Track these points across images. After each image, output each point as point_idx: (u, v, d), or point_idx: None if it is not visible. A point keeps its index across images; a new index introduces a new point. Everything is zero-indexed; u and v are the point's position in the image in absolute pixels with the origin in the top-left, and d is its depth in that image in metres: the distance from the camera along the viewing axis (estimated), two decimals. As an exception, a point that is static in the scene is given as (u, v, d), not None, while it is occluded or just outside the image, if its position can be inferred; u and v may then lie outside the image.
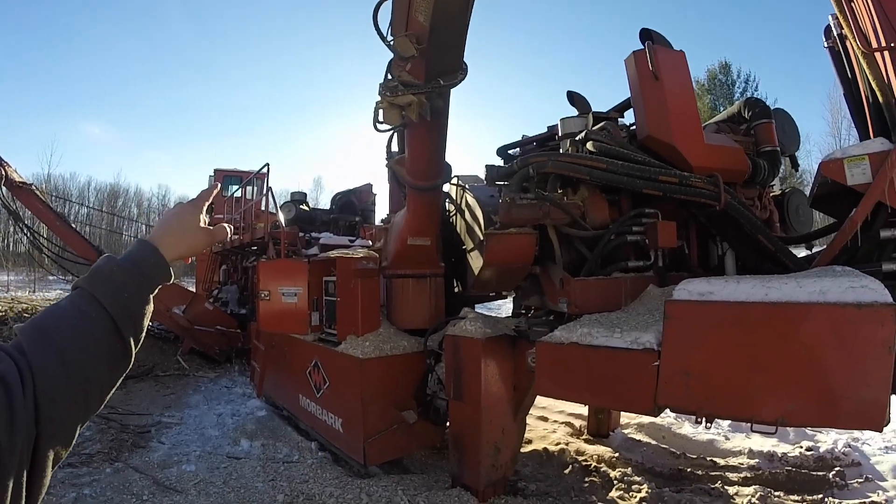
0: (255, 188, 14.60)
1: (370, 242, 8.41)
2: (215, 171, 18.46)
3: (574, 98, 5.53)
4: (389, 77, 4.18)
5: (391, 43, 3.97)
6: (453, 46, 4.01)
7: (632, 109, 4.75)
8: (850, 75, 4.35)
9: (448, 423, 5.13)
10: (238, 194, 13.80)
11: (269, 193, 10.00)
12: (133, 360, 1.02)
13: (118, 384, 1.00)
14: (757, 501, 4.51)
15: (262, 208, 11.60)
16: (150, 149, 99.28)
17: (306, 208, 11.71)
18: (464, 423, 4.71)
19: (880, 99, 3.63)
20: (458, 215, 5.67)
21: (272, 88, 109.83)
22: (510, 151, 6.20)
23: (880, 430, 2.66)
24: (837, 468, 5.07)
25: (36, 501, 0.83)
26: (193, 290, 14.64)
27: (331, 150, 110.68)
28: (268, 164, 10.04)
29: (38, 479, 0.83)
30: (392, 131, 5.18)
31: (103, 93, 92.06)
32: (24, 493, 0.79)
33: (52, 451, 0.85)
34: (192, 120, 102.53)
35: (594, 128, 4.75)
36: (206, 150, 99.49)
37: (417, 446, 5.63)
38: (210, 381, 9.71)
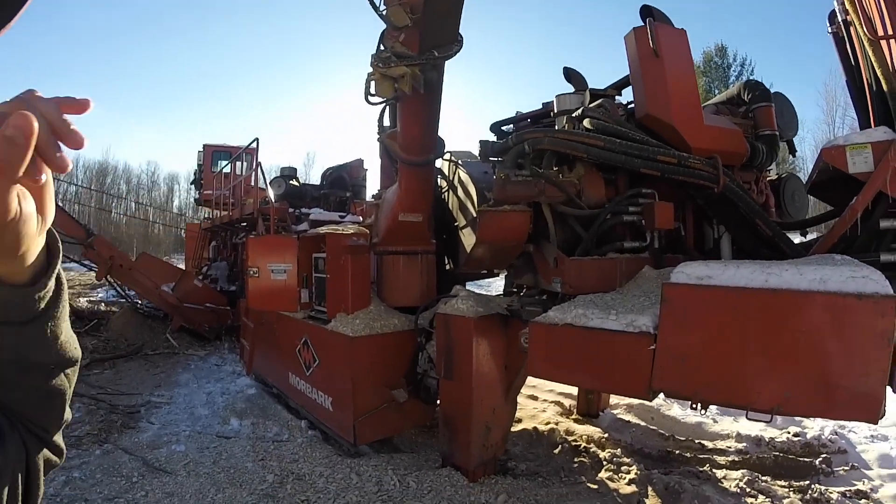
0: (245, 164, 14.40)
1: (360, 218, 8.31)
2: (204, 146, 18.21)
3: (571, 75, 5.43)
4: (382, 48, 4.08)
5: (384, 13, 3.85)
6: (449, 16, 3.90)
7: (630, 87, 4.67)
8: (853, 62, 4.28)
9: (438, 403, 5.10)
10: (227, 170, 13.63)
11: (259, 169, 9.88)
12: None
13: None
14: (744, 485, 4.52)
15: (252, 184, 11.47)
16: (138, 124, 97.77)
17: (296, 184, 11.57)
18: (455, 403, 4.68)
19: (885, 87, 3.58)
20: (451, 192, 5.59)
21: (262, 62, 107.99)
22: (504, 128, 6.11)
23: (875, 422, 2.64)
24: (824, 455, 5.10)
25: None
26: (183, 266, 14.53)
27: (323, 124, 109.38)
28: (257, 139, 9.92)
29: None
30: (384, 104, 5.08)
31: (88, 67, 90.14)
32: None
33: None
34: (180, 95, 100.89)
35: (591, 105, 4.66)
36: (194, 125, 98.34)
37: (408, 425, 5.60)
38: (199, 360, 9.64)
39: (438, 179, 5.86)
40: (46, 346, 0.80)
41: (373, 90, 4.22)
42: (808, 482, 4.60)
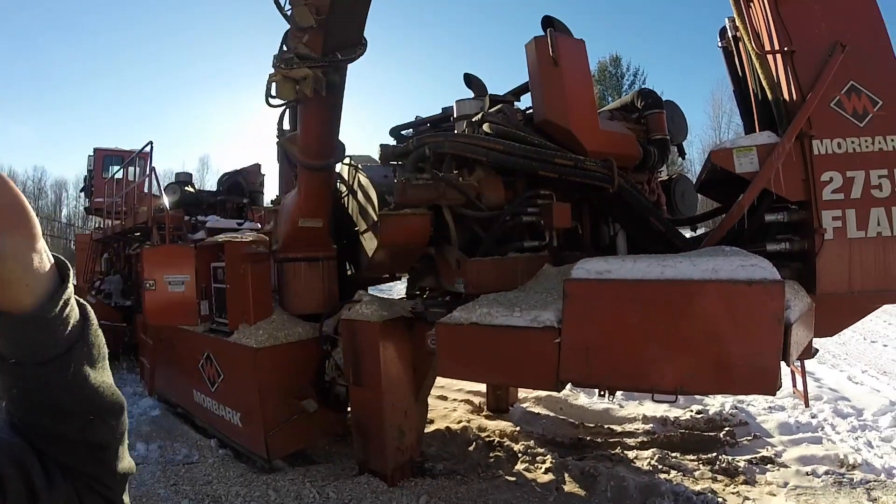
0: (138, 169, 13.57)
1: (259, 225, 8.06)
2: (95, 150, 17.09)
3: (471, 80, 5.53)
4: (285, 48, 3.99)
5: (289, 13, 3.77)
6: (355, 18, 3.87)
7: (529, 94, 4.80)
8: (741, 74, 4.64)
9: (349, 409, 5.04)
10: (119, 175, 12.80)
11: (154, 174, 9.34)
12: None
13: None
14: (656, 463, 4.80)
15: (146, 191, 10.87)
16: (19, 124, 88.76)
17: (192, 190, 11.05)
18: (366, 409, 4.65)
19: (769, 96, 3.91)
20: (350, 196, 5.53)
21: (153, 60, 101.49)
22: (403, 132, 6.12)
23: (773, 395, 2.90)
24: (727, 428, 5.51)
25: None
26: (74, 281, 13.53)
27: (217, 127, 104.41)
28: (151, 143, 9.36)
29: None
30: (285, 107, 4.96)
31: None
32: None
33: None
34: (65, 94, 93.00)
35: (491, 110, 4.76)
36: (82, 128, 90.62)
37: (320, 435, 5.50)
38: (95, 380, 8.98)
39: (338, 184, 5.78)
40: (74, 390, 0.75)
41: (274, 92, 4.12)
42: (715, 454, 4.94)
